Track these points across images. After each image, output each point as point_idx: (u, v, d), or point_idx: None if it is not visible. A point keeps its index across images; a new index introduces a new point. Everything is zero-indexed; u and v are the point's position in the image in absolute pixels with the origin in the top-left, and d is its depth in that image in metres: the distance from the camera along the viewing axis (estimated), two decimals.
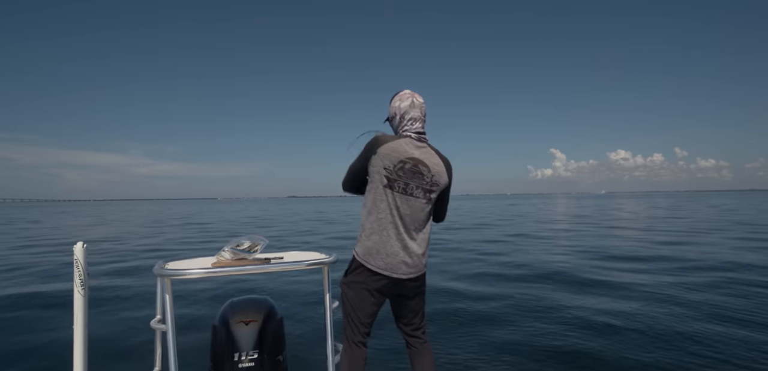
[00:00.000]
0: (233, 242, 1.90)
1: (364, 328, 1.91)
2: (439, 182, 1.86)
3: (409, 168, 1.81)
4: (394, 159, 1.80)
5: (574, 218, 18.04)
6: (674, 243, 10.19)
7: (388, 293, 1.91)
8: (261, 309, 1.97)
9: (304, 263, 1.92)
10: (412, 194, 1.82)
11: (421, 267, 1.90)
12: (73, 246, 1.63)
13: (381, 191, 1.82)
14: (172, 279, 1.66)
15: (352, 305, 1.90)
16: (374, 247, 1.83)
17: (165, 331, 1.68)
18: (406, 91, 1.95)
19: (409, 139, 1.86)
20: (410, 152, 1.82)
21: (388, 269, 1.82)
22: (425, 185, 1.83)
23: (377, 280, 1.84)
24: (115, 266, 7.85)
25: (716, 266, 7.03)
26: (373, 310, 1.91)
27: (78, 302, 1.62)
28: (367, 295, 1.87)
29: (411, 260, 1.84)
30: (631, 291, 5.44)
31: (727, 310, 4.48)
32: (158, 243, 12.10)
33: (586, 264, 7.45)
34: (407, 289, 1.91)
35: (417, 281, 1.92)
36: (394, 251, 1.82)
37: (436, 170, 1.85)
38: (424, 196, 1.84)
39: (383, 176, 1.81)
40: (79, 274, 1.61)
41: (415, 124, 1.89)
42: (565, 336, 3.80)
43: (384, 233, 1.82)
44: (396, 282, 1.85)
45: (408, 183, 1.81)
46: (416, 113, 1.90)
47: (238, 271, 1.80)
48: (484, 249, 9.56)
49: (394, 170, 1.80)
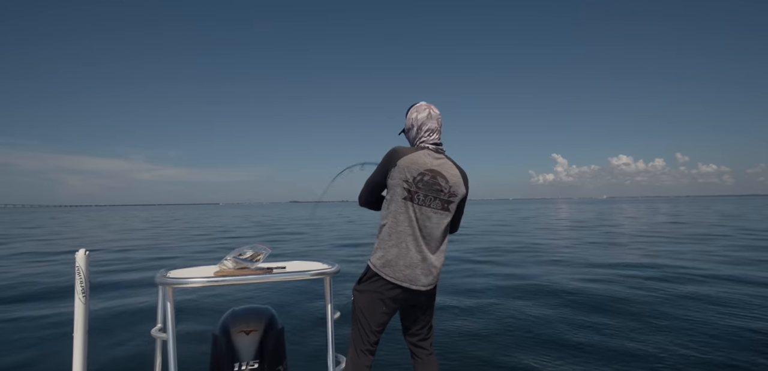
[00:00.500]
0: (236, 251, 1.89)
1: (373, 337, 1.90)
2: (456, 193, 1.87)
3: (428, 180, 1.81)
4: (414, 171, 1.80)
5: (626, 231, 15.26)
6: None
7: (401, 303, 1.89)
8: (262, 318, 1.95)
9: (307, 273, 1.91)
10: (430, 206, 1.83)
11: (437, 278, 1.91)
12: (75, 253, 1.62)
13: (401, 203, 1.81)
14: (173, 288, 1.65)
15: (363, 312, 1.89)
16: (393, 259, 1.81)
17: (166, 340, 1.67)
18: (423, 103, 1.97)
19: (427, 150, 1.86)
20: (429, 164, 1.83)
21: (407, 281, 1.81)
22: (444, 197, 1.84)
23: (392, 289, 1.83)
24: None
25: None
26: (383, 320, 1.90)
27: (78, 309, 1.61)
28: (380, 304, 1.86)
29: (429, 272, 1.85)
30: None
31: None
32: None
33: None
34: (421, 301, 1.92)
35: (430, 293, 1.93)
36: (414, 262, 1.81)
37: (454, 181, 1.86)
38: (443, 207, 1.85)
39: (403, 189, 1.81)
40: (80, 281, 1.61)
41: (432, 135, 1.91)
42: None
43: (403, 245, 1.81)
44: (412, 293, 1.85)
45: (427, 195, 1.82)
46: (433, 125, 1.92)
47: (240, 281, 1.79)
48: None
49: (414, 182, 1.80)
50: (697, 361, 3.46)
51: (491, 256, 9.77)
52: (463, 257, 9.44)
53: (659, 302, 5.37)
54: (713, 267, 7.79)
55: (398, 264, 1.80)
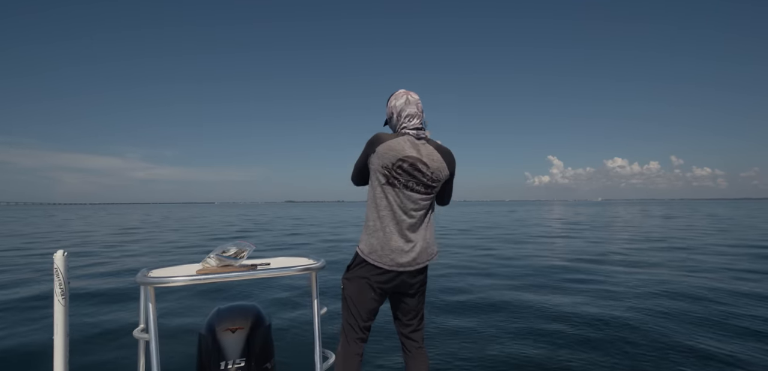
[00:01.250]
0: (219, 248, 1.87)
1: (362, 323, 1.92)
2: (439, 177, 1.88)
3: (407, 167, 1.82)
4: (392, 158, 1.82)
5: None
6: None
7: (390, 288, 1.91)
8: (248, 316, 1.94)
9: (292, 269, 1.90)
10: (412, 189, 1.84)
11: (424, 259, 1.90)
12: (53, 254, 1.58)
13: (380, 189, 1.85)
14: (155, 287, 1.63)
15: (353, 300, 1.91)
16: (377, 244, 1.85)
17: (148, 340, 1.64)
18: (400, 90, 1.97)
19: (407, 137, 1.87)
20: (408, 151, 1.83)
21: (393, 265, 1.84)
22: (426, 181, 1.85)
23: (379, 275, 1.86)
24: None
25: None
26: (373, 306, 1.91)
27: (58, 311, 1.57)
28: (368, 290, 1.88)
29: (414, 254, 1.86)
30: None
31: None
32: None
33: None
34: (409, 285, 1.92)
35: (419, 274, 1.92)
36: (398, 246, 1.84)
37: (435, 166, 1.86)
38: (426, 191, 1.86)
39: (383, 175, 1.83)
40: (59, 283, 1.57)
41: (412, 120, 1.90)
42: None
43: (387, 229, 1.84)
44: (399, 276, 1.87)
45: (408, 181, 1.83)
46: (412, 110, 1.91)
47: (223, 278, 1.77)
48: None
49: (393, 168, 1.82)
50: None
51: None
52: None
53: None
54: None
55: (383, 250, 1.83)
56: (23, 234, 17.36)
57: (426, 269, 1.96)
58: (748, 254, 9.50)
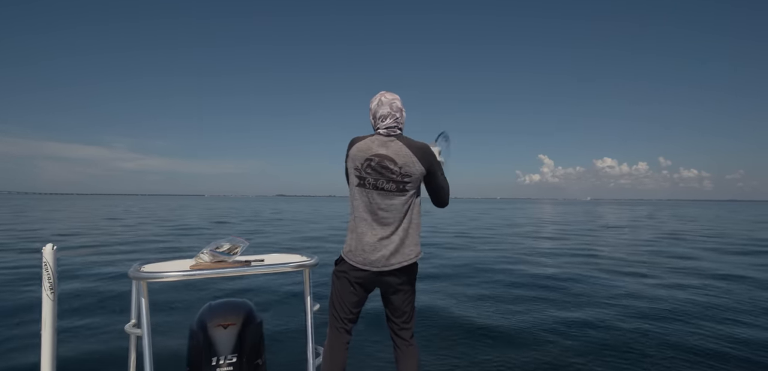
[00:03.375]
0: (213, 243, 1.86)
1: (345, 316, 2.00)
2: (409, 172, 1.88)
3: (375, 165, 1.87)
4: (362, 158, 1.89)
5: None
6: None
7: (369, 286, 1.97)
8: (240, 312, 1.93)
9: (285, 265, 1.90)
10: (383, 188, 1.87)
11: (399, 260, 1.90)
12: (42, 248, 1.56)
13: (355, 190, 1.93)
14: (148, 282, 1.62)
15: (336, 294, 2.01)
16: (353, 243, 1.93)
17: (140, 335, 1.64)
18: (379, 92, 2.00)
19: (377, 136, 1.92)
20: (375, 149, 1.87)
21: (367, 264, 1.90)
22: (396, 178, 1.87)
23: (355, 272, 1.93)
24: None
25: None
26: (353, 300, 1.98)
27: (47, 306, 1.55)
28: (348, 286, 1.97)
29: (385, 253, 1.88)
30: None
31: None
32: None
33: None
34: (389, 284, 1.94)
35: (398, 275, 1.93)
36: (371, 246, 1.88)
37: (403, 161, 1.86)
38: (398, 189, 1.88)
39: (355, 176, 1.92)
40: (48, 277, 1.55)
41: (385, 120, 1.94)
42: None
43: (359, 229, 1.91)
44: (375, 275, 1.92)
45: (378, 179, 1.87)
46: (385, 110, 1.94)
47: (216, 274, 1.76)
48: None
49: (363, 168, 1.89)
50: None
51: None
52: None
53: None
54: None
55: (357, 249, 1.91)
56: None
57: (409, 269, 1.95)
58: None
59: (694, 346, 3.68)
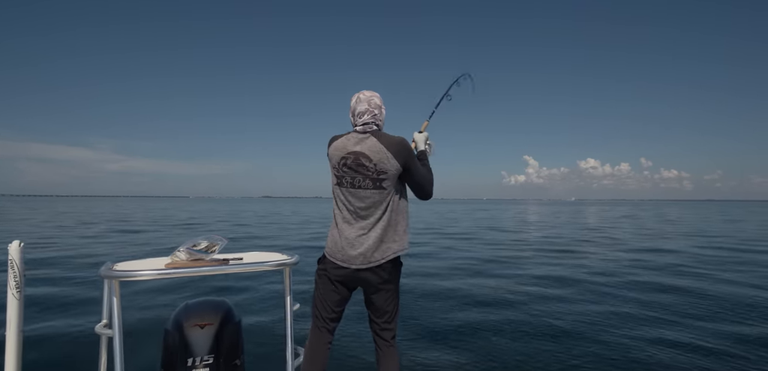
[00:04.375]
0: (189, 242, 1.81)
1: (326, 315, 2.00)
2: (384, 168, 1.86)
3: (351, 163, 1.89)
4: (337, 157, 1.92)
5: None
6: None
7: (350, 284, 1.98)
8: (218, 311, 1.89)
9: (265, 264, 1.87)
10: (360, 186, 1.88)
11: (378, 257, 1.89)
12: (8, 245, 1.50)
13: (334, 188, 1.96)
14: (120, 281, 1.56)
15: (318, 292, 2.02)
16: (333, 241, 1.95)
17: (111, 336, 1.58)
18: (359, 91, 2.01)
19: (353, 134, 1.94)
20: (350, 147, 1.89)
21: (344, 261, 1.91)
22: (371, 175, 1.87)
23: (335, 270, 1.95)
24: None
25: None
26: (335, 299, 2.00)
27: (12, 305, 1.49)
28: (329, 284, 1.98)
29: (362, 250, 1.88)
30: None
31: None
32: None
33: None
34: (367, 282, 1.94)
35: (377, 273, 1.91)
36: (349, 243, 1.90)
37: (378, 157, 1.86)
38: (374, 186, 1.87)
39: (334, 175, 1.95)
40: (14, 275, 1.49)
41: (362, 117, 1.95)
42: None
43: (339, 227, 1.94)
44: (353, 273, 1.93)
45: (354, 177, 1.89)
46: (362, 107, 1.95)
47: (193, 272, 1.72)
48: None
49: (339, 166, 1.92)
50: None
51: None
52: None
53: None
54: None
55: (337, 246, 1.93)
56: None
57: (389, 267, 1.93)
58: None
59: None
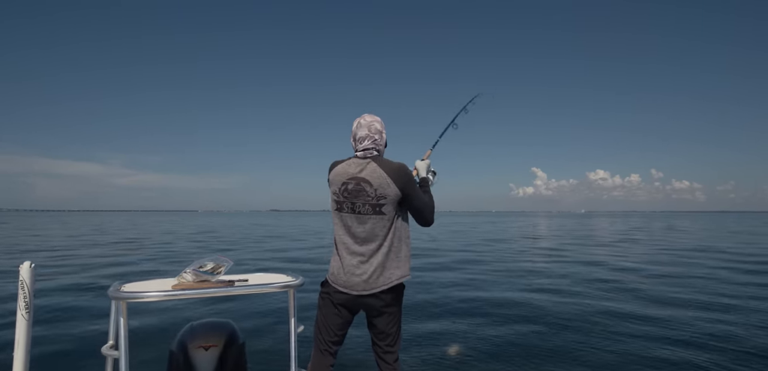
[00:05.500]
0: (196, 263, 1.83)
1: (329, 338, 1.98)
2: (385, 194, 1.86)
3: (352, 188, 1.89)
4: (338, 183, 1.92)
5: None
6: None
7: (353, 308, 1.97)
8: (222, 332, 1.90)
9: (270, 285, 1.88)
10: (360, 212, 1.88)
11: (380, 284, 1.88)
12: (19, 266, 1.52)
13: (334, 214, 1.96)
14: (127, 302, 1.58)
15: (321, 316, 2.00)
16: (335, 267, 1.95)
17: (118, 358, 1.59)
18: (362, 114, 2.02)
19: (354, 159, 1.95)
20: (351, 172, 1.90)
21: (347, 287, 1.90)
22: (371, 201, 1.86)
23: (338, 295, 1.94)
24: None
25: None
26: (338, 322, 1.97)
27: (21, 325, 1.51)
28: (332, 307, 1.97)
29: (366, 277, 1.87)
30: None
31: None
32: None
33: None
34: (370, 306, 1.93)
35: (380, 298, 1.90)
36: (350, 269, 1.89)
37: (378, 182, 1.86)
38: (374, 211, 1.87)
39: (334, 201, 1.94)
40: (24, 296, 1.51)
41: (363, 142, 1.96)
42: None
43: (340, 253, 1.93)
44: (356, 299, 1.91)
45: (354, 202, 1.88)
46: (363, 132, 1.96)
47: (199, 294, 1.74)
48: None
49: (340, 192, 1.91)
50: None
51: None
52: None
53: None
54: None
55: (339, 272, 1.93)
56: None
57: (390, 293, 1.92)
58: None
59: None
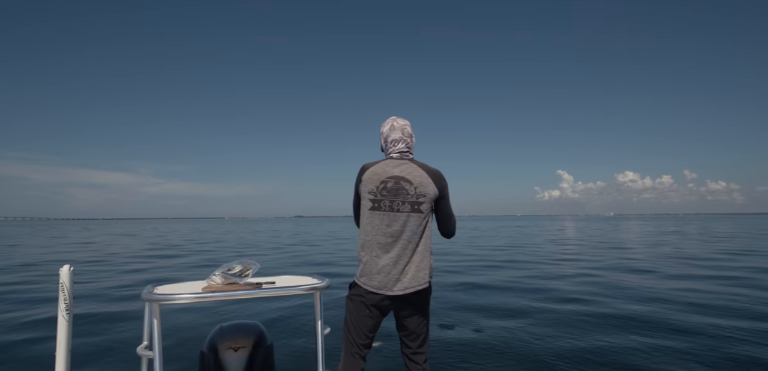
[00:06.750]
0: (224, 266, 1.87)
1: (360, 341, 1.96)
2: (424, 192, 1.90)
3: (391, 186, 1.89)
4: (377, 181, 1.91)
5: None
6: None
7: (385, 309, 1.95)
8: (251, 334, 1.93)
9: (297, 288, 1.90)
10: (399, 210, 1.88)
11: (416, 284, 1.89)
12: (59, 269, 1.59)
13: (368, 214, 1.93)
14: (161, 305, 1.63)
15: (351, 319, 1.97)
16: (367, 267, 1.91)
17: (152, 358, 1.64)
18: (390, 118, 2.06)
19: (390, 160, 1.96)
20: (390, 171, 1.91)
21: (381, 287, 1.87)
22: (411, 199, 1.89)
23: (370, 296, 1.91)
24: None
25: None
26: (369, 324, 1.95)
27: (62, 327, 1.57)
28: (364, 309, 1.93)
29: (403, 277, 1.87)
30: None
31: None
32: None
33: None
34: (403, 307, 1.93)
35: (412, 298, 1.92)
36: (385, 269, 1.87)
37: (418, 181, 1.90)
38: (413, 210, 1.89)
39: (369, 200, 1.92)
40: (64, 298, 1.58)
41: (397, 145, 1.99)
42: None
43: (374, 253, 1.90)
44: (391, 299, 1.90)
45: (393, 200, 1.88)
46: (397, 135, 1.99)
47: (228, 296, 1.77)
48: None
49: (378, 191, 1.90)
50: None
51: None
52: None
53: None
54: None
55: (371, 272, 1.90)
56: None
57: (423, 293, 1.94)
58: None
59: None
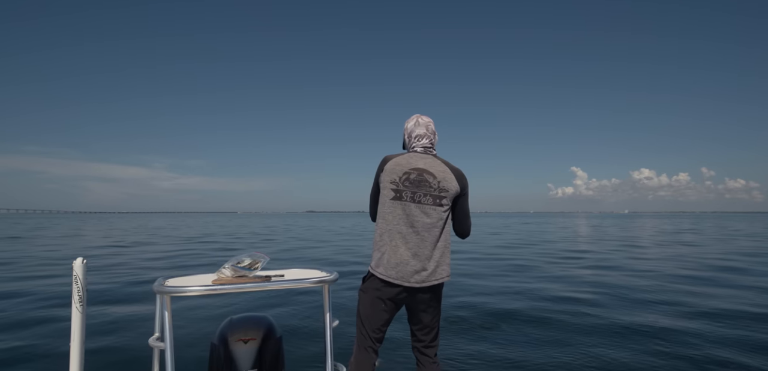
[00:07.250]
0: (234, 259, 1.88)
1: (374, 335, 1.95)
2: (447, 187, 1.90)
3: (414, 178, 1.89)
4: (400, 171, 1.91)
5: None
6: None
7: (400, 302, 1.93)
8: (260, 327, 1.94)
9: (305, 281, 1.90)
10: (420, 202, 1.88)
11: (433, 278, 1.89)
12: (73, 262, 1.61)
13: (389, 203, 1.90)
14: (171, 296, 1.64)
15: (365, 312, 1.96)
16: (384, 257, 1.88)
17: (163, 349, 1.66)
18: (414, 115, 2.08)
19: (414, 153, 1.96)
20: (414, 163, 1.91)
21: (399, 278, 1.85)
22: (433, 192, 1.89)
23: (387, 288, 1.89)
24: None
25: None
26: (384, 317, 1.94)
27: (76, 318, 1.60)
28: (379, 303, 1.91)
29: (422, 269, 1.86)
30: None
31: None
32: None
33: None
34: (419, 300, 1.92)
35: (429, 292, 1.92)
36: (404, 260, 1.85)
37: (442, 176, 1.91)
38: (434, 203, 1.89)
39: (391, 189, 1.90)
40: (77, 290, 1.60)
41: (421, 140, 1.99)
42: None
43: (393, 243, 1.87)
44: (408, 291, 1.89)
45: (415, 192, 1.88)
46: (421, 131, 2.00)
47: (238, 288, 1.78)
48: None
49: (400, 181, 1.89)
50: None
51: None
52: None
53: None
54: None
55: (390, 263, 1.87)
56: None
57: (439, 287, 1.95)
58: None
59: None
